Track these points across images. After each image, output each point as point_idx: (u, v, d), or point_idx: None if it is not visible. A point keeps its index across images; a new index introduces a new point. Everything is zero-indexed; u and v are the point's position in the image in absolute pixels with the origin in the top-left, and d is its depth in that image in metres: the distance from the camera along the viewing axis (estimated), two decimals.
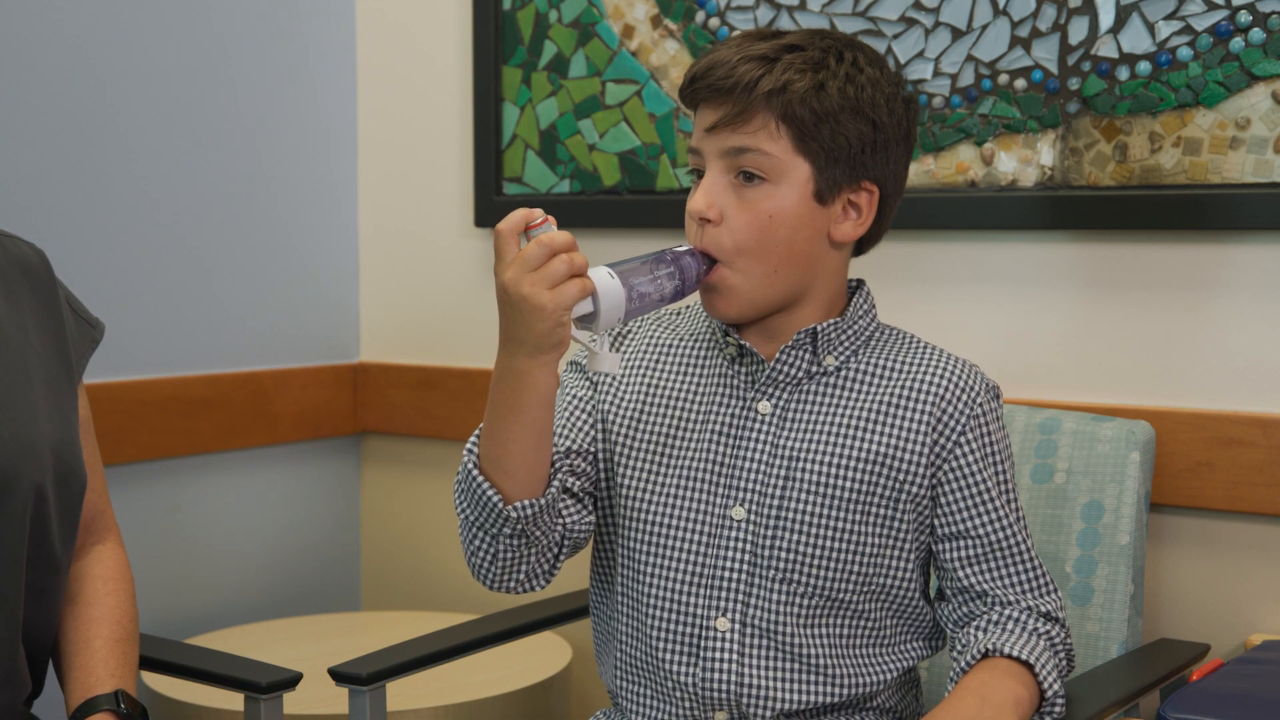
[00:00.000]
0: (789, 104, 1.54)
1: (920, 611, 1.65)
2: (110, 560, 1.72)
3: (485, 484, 1.51)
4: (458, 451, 2.64)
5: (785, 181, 1.56)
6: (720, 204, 1.56)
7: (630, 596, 1.64)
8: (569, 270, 1.41)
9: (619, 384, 1.68)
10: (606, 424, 1.67)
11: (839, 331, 1.62)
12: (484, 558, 1.57)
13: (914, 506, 1.60)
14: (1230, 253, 1.98)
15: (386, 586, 2.77)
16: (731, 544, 1.60)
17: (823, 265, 1.61)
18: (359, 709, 1.80)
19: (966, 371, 1.63)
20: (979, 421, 1.61)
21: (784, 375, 1.61)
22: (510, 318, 1.44)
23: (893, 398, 1.61)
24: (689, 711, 1.61)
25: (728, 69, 1.55)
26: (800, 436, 1.60)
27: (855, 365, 1.63)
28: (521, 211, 1.44)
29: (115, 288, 2.38)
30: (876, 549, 1.60)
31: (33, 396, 1.60)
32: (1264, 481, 1.95)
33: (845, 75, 1.56)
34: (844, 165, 1.57)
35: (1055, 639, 1.61)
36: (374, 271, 2.75)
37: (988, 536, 1.61)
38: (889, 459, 1.59)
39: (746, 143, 1.55)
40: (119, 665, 1.64)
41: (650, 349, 1.70)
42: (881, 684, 1.62)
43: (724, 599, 1.59)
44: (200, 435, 2.50)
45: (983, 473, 1.61)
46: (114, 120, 2.37)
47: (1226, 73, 1.95)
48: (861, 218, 1.60)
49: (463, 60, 2.61)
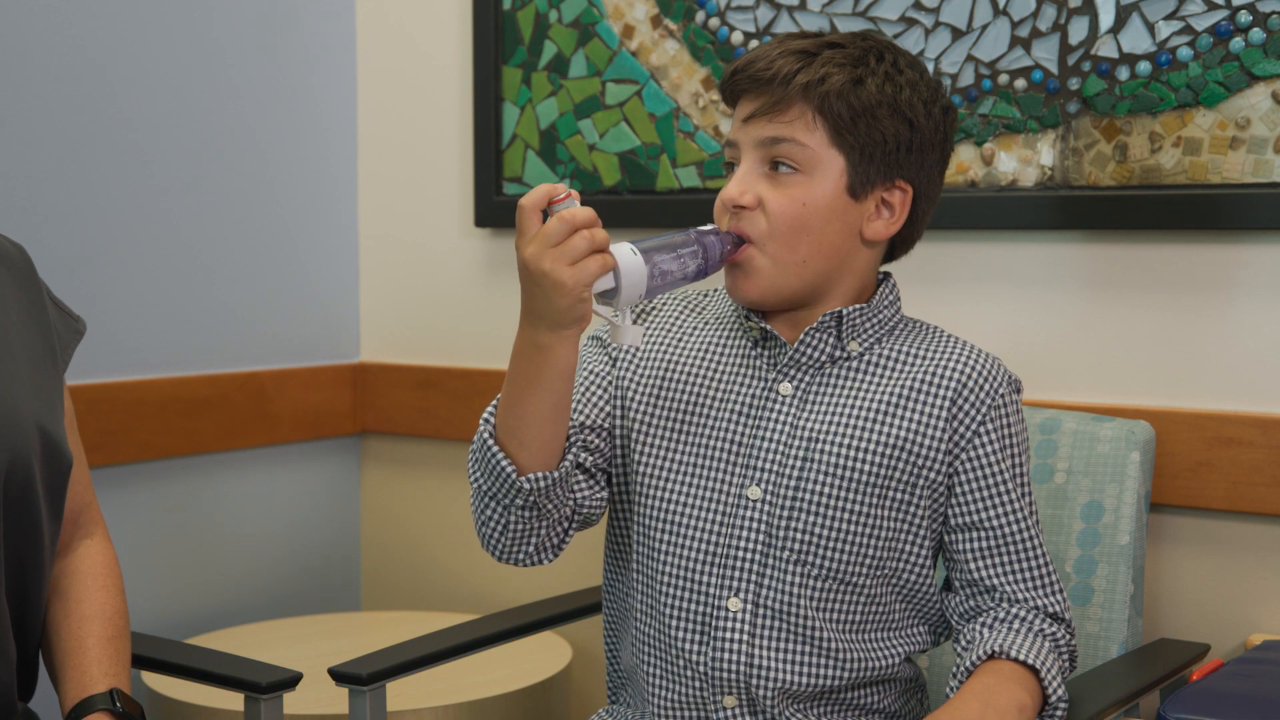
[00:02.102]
0: (826, 96, 1.56)
1: (929, 597, 1.65)
2: (98, 555, 1.72)
3: (500, 454, 1.52)
4: (458, 451, 2.64)
5: (819, 173, 1.57)
6: (754, 192, 1.58)
7: (645, 574, 1.65)
8: (590, 246, 1.41)
9: (639, 360, 1.69)
10: (625, 400, 1.67)
11: (864, 318, 1.63)
12: (495, 528, 1.58)
13: (930, 493, 1.61)
14: (1230, 253, 1.98)
15: (386, 586, 2.77)
16: (746, 524, 1.60)
17: (852, 262, 1.62)
18: (359, 709, 1.80)
19: (989, 362, 1.64)
20: (999, 413, 1.62)
21: (807, 358, 1.62)
22: (531, 293, 1.44)
23: (914, 384, 1.61)
24: (698, 692, 1.61)
25: (767, 61, 1.58)
26: (820, 419, 1.61)
27: (878, 351, 1.63)
28: (544, 186, 1.44)
29: (115, 287, 2.38)
30: (891, 533, 1.60)
31: (15, 371, 1.59)
32: (1264, 481, 1.95)
33: (885, 74, 1.58)
34: (879, 162, 1.58)
35: (1060, 640, 1.61)
36: (374, 271, 2.75)
37: (1000, 530, 1.61)
38: (908, 444, 1.59)
39: (782, 132, 1.57)
40: (112, 663, 1.64)
41: (673, 329, 1.71)
42: (886, 668, 1.63)
43: (737, 579, 1.60)
44: (200, 435, 2.50)
45: (1000, 464, 1.61)
46: (114, 120, 2.37)
47: (1226, 73, 1.95)
48: (894, 217, 1.62)
49: (463, 60, 2.61)
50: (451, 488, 2.67)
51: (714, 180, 2.34)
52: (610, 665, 1.78)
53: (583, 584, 2.35)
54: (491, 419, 1.54)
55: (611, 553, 1.73)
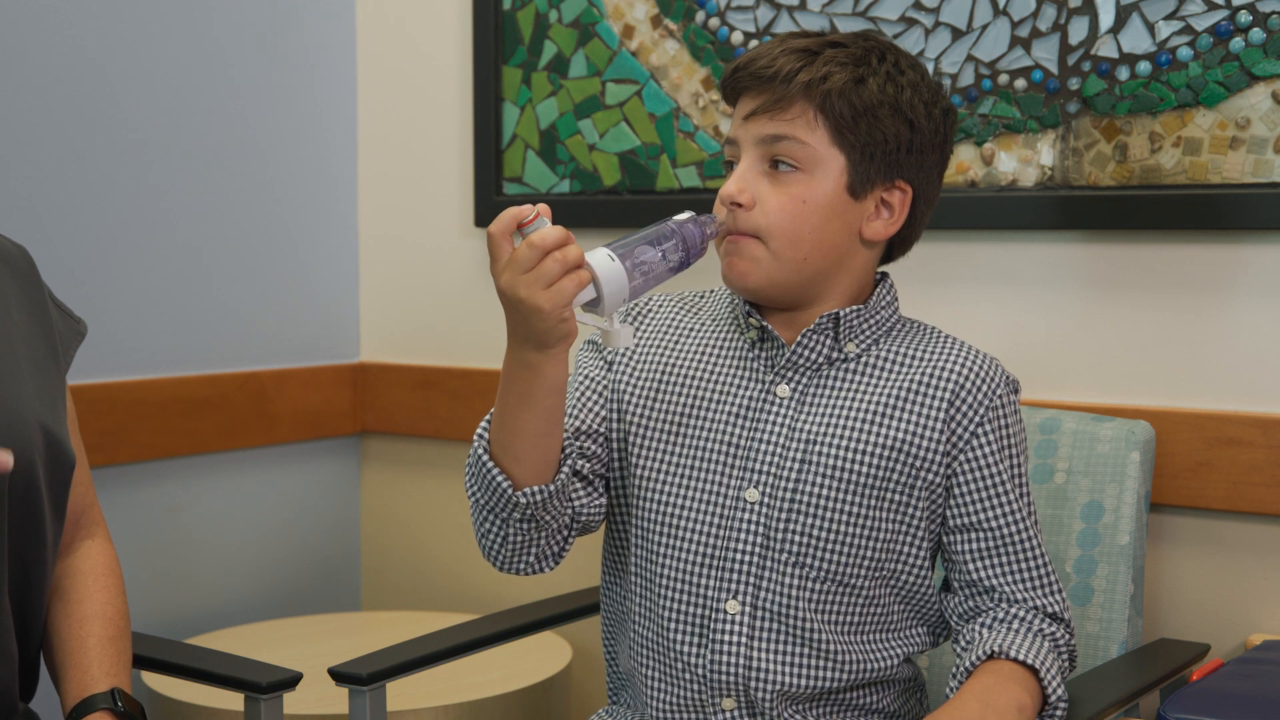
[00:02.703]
0: (827, 95, 1.56)
1: (928, 599, 1.65)
2: (99, 556, 1.72)
3: (495, 470, 1.52)
4: (458, 451, 2.64)
5: (819, 171, 1.57)
6: (753, 189, 1.58)
7: (644, 577, 1.65)
8: (563, 269, 1.41)
9: (635, 363, 1.69)
10: (621, 403, 1.67)
11: (861, 319, 1.63)
12: (494, 540, 1.58)
13: (929, 494, 1.61)
14: (1230, 253, 1.98)
15: (386, 586, 2.77)
16: (744, 526, 1.60)
17: (850, 261, 1.62)
18: (359, 709, 1.80)
19: (986, 363, 1.64)
20: (997, 414, 1.62)
21: (804, 359, 1.62)
22: (512, 318, 1.45)
23: (912, 385, 1.61)
24: (697, 695, 1.61)
25: (769, 59, 1.58)
26: (818, 421, 1.60)
27: (876, 353, 1.63)
28: (511, 211, 1.43)
29: (115, 287, 2.38)
30: (890, 535, 1.60)
31: (18, 371, 1.60)
32: (1264, 481, 1.95)
33: (886, 74, 1.58)
34: (879, 162, 1.58)
35: (1059, 640, 1.61)
36: (374, 271, 2.75)
37: (998, 531, 1.61)
38: (906, 446, 1.59)
39: (783, 130, 1.57)
40: (114, 663, 1.64)
41: (670, 330, 1.71)
42: (885, 669, 1.63)
43: (735, 581, 1.60)
44: (200, 435, 2.50)
45: (998, 465, 1.61)
46: (114, 120, 2.37)
47: (1226, 73, 1.95)
48: (893, 217, 1.62)
49: (463, 60, 2.61)
50: (451, 488, 2.67)
51: (714, 180, 2.34)
52: (609, 666, 1.77)
53: (582, 584, 2.35)
54: (485, 435, 1.54)
55: (609, 556, 1.73)
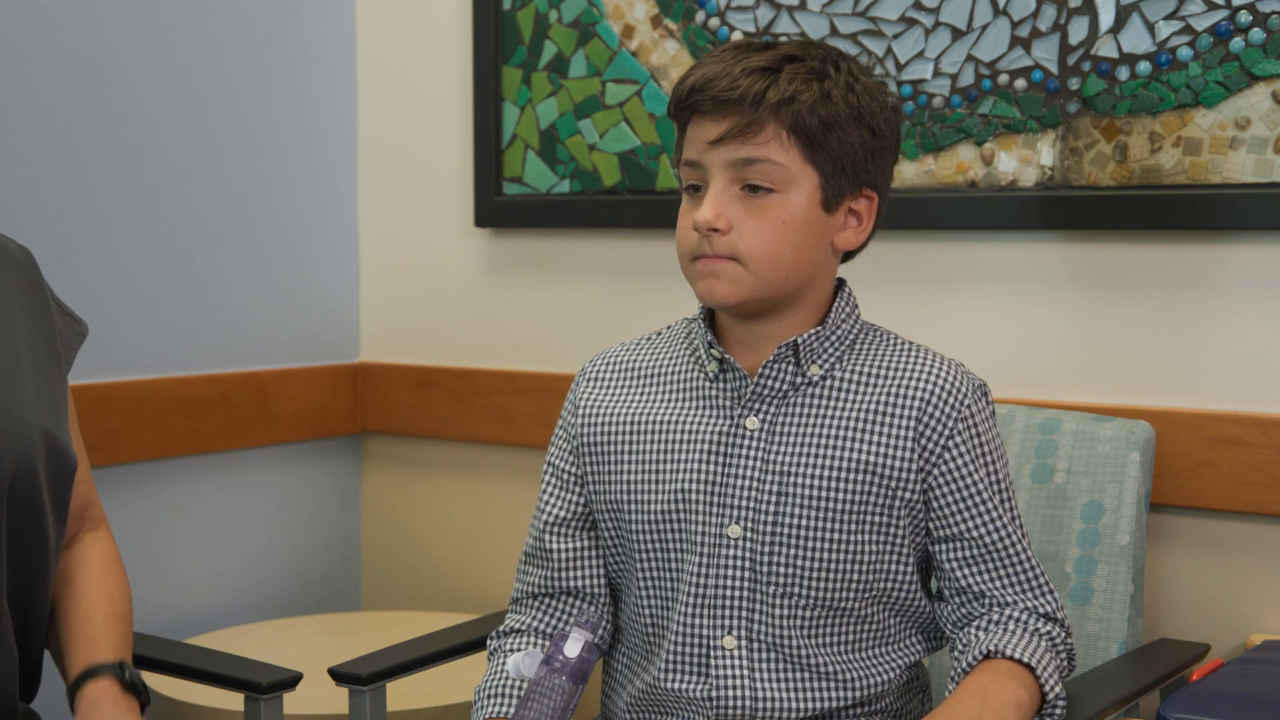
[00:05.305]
0: (798, 114, 1.54)
1: (921, 607, 1.65)
2: (104, 545, 1.74)
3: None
4: (458, 451, 2.64)
5: (794, 191, 1.56)
6: (729, 214, 1.55)
7: (638, 623, 1.65)
8: None
9: (602, 416, 1.68)
10: (595, 457, 1.67)
11: (820, 341, 1.61)
12: None
13: (909, 511, 1.60)
14: (1230, 253, 1.98)
15: (386, 586, 2.77)
16: (731, 562, 1.60)
17: (823, 271, 1.61)
18: (359, 709, 1.80)
19: (952, 372, 1.62)
20: (968, 424, 1.60)
21: (768, 389, 1.60)
22: None
23: (878, 404, 1.60)
24: None
25: (730, 80, 1.54)
26: (790, 450, 1.59)
27: (839, 374, 1.62)
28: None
29: (115, 287, 2.38)
30: (875, 556, 1.59)
31: (20, 375, 1.60)
32: (1264, 481, 1.95)
33: (846, 84, 1.57)
34: (848, 173, 1.58)
35: (1056, 640, 1.61)
36: (374, 271, 2.75)
37: (983, 538, 1.60)
38: (879, 467, 1.58)
39: (757, 154, 1.54)
40: (120, 640, 1.64)
41: (629, 375, 1.70)
42: (890, 682, 1.62)
43: (729, 617, 1.60)
44: (200, 435, 2.50)
45: (975, 474, 1.60)
46: (114, 120, 2.37)
47: (1226, 73, 1.95)
48: (862, 225, 1.61)
49: (463, 60, 2.61)
50: (451, 488, 2.67)
51: None
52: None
53: None
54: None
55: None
